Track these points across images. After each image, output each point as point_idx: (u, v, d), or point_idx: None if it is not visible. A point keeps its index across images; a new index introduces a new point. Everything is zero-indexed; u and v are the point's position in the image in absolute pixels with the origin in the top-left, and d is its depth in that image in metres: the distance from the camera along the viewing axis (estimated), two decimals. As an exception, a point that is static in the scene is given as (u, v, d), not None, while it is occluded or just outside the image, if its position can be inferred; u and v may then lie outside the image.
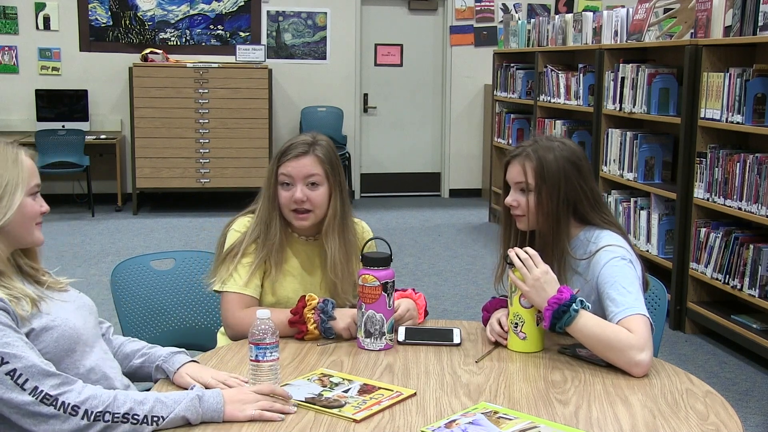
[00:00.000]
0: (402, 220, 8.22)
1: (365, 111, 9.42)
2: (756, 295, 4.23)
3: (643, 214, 5.27)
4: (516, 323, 2.19)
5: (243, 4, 8.86)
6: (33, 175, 1.90)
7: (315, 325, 2.25)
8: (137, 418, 1.70)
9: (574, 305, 2.07)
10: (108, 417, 1.69)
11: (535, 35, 7.29)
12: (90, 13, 8.58)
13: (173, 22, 8.77)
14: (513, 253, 2.18)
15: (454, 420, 1.75)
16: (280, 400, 1.80)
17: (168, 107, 8.09)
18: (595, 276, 2.21)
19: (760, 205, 4.17)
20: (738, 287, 4.36)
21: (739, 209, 4.33)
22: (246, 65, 8.36)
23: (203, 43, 8.85)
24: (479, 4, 9.36)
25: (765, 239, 4.36)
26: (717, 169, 4.52)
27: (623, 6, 5.93)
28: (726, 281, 4.46)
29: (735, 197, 4.37)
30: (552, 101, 6.75)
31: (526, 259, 2.15)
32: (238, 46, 8.58)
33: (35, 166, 1.92)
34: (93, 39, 8.61)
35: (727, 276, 4.45)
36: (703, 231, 4.67)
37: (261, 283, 2.41)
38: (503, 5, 9.39)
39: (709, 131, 4.65)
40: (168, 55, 8.47)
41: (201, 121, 8.15)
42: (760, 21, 4.18)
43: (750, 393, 3.96)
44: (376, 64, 9.39)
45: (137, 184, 8.18)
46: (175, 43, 8.78)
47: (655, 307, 2.48)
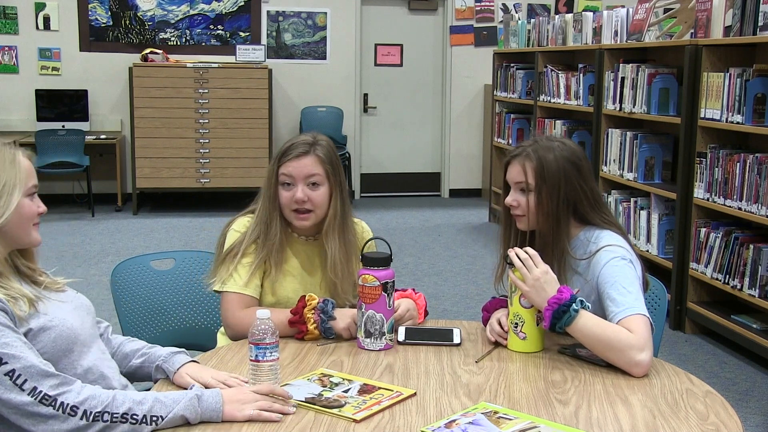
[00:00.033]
0: (402, 220, 8.22)
1: (365, 111, 9.42)
2: (756, 295, 4.23)
3: (643, 214, 5.27)
4: (516, 323, 2.19)
5: (243, 4, 8.87)
6: (30, 176, 1.90)
7: (315, 325, 2.25)
8: (136, 417, 1.70)
9: (574, 305, 2.07)
10: (107, 417, 1.69)
11: (535, 35, 7.29)
12: (90, 13, 8.58)
13: (173, 22, 8.77)
14: (513, 253, 2.18)
15: (454, 420, 1.75)
16: (279, 400, 1.80)
17: (168, 107, 8.09)
18: (596, 276, 2.21)
19: (760, 205, 4.17)
20: (738, 287, 4.36)
21: (739, 209, 4.33)
22: (246, 65, 8.36)
23: (203, 43, 8.85)
24: (479, 4, 9.37)
25: (765, 239, 4.36)
26: (717, 169, 4.52)
27: (623, 6, 5.93)
28: (726, 281, 4.46)
29: (735, 197, 4.37)
30: (552, 101, 6.75)
31: (526, 259, 2.15)
32: (238, 46, 8.59)
33: (33, 166, 1.93)
34: (93, 39, 8.61)
35: (727, 276, 4.45)
36: (703, 231, 4.67)
37: (261, 283, 2.41)
38: (503, 5, 9.39)
39: (709, 131, 4.65)
40: (168, 55, 8.47)
41: (201, 121, 8.16)
42: (760, 21, 4.18)
43: (750, 393, 3.96)
44: (376, 64, 9.39)
45: (137, 184, 8.18)
46: (175, 43, 8.78)
47: (655, 307, 2.48)
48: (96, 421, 1.69)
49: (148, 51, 8.35)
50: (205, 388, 1.85)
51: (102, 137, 8.32)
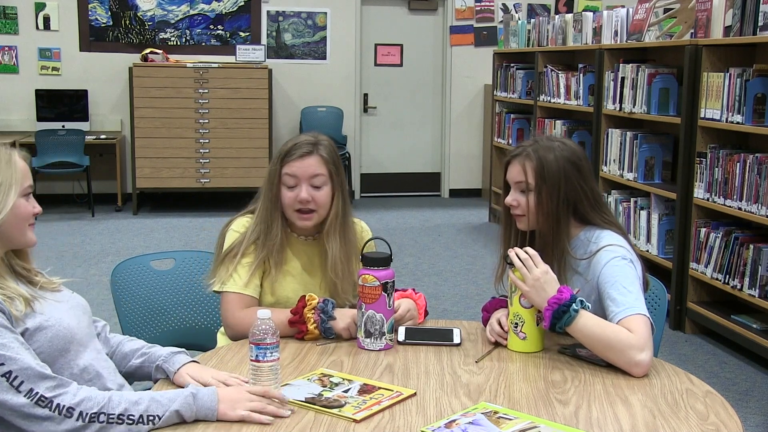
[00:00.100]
0: (402, 220, 8.22)
1: (365, 111, 9.42)
2: (756, 295, 4.23)
3: (643, 214, 5.27)
4: (516, 323, 2.19)
5: (243, 4, 8.86)
6: (26, 177, 1.91)
7: (315, 325, 2.25)
8: (132, 418, 1.71)
9: (574, 305, 2.07)
10: (103, 418, 1.70)
11: (535, 35, 7.29)
12: (90, 13, 8.58)
13: (173, 22, 8.77)
14: (513, 253, 2.18)
15: (454, 420, 1.75)
16: (275, 402, 1.80)
17: (168, 107, 8.09)
18: (596, 276, 2.21)
19: (760, 205, 4.17)
20: (738, 287, 4.36)
21: (739, 209, 4.33)
22: (246, 65, 8.36)
23: (203, 43, 8.85)
24: (479, 4, 9.36)
25: (765, 239, 4.36)
26: (717, 169, 4.52)
27: (623, 6, 5.93)
28: (726, 281, 4.46)
29: (735, 197, 4.37)
30: (552, 101, 6.75)
31: (526, 259, 2.15)
32: (238, 46, 8.59)
33: (28, 167, 1.93)
34: (93, 39, 8.61)
35: (727, 276, 4.45)
36: (703, 231, 4.67)
37: (260, 283, 2.41)
38: (503, 5, 9.39)
39: (709, 131, 4.65)
40: (168, 55, 8.47)
41: (201, 121, 8.15)
42: (760, 21, 4.18)
43: (750, 393, 3.96)
44: (376, 64, 9.38)
45: (137, 184, 8.18)
46: (175, 43, 8.78)
47: (655, 307, 2.48)
48: (92, 423, 1.69)
49: (148, 51, 8.35)
50: (205, 387, 1.86)
51: (102, 137, 8.32)
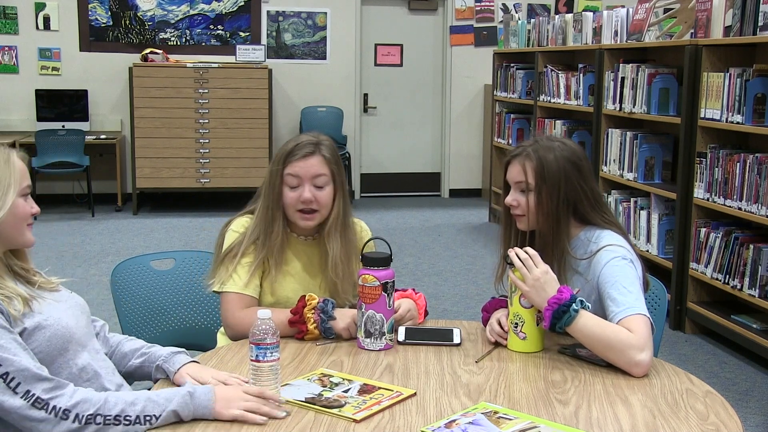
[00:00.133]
0: (402, 220, 8.22)
1: (365, 111, 9.42)
2: (756, 295, 4.23)
3: (643, 214, 5.27)
4: (516, 323, 2.19)
5: (243, 4, 8.86)
6: (24, 177, 1.91)
7: (315, 325, 2.25)
8: (129, 419, 1.71)
9: (574, 305, 2.07)
10: (99, 419, 1.70)
11: (535, 35, 7.29)
12: (90, 13, 8.58)
13: (173, 22, 8.77)
14: (513, 253, 2.18)
15: (454, 420, 1.75)
16: (270, 403, 1.80)
17: (168, 107, 8.09)
18: (596, 276, 2.21)
19: (760, 205, 4.17)
20: (738, 287, 4.36)
21: (739, 209, 4.33)
22: (246, 65, 8.36)
23: (203, 43, 8.85)
24: (479, 4, 9.36)
25: (765, 239, 4.36)
26: (717, 169, 4.52)
27: (623, 6, 5.93)
28: (726, 281, 4.46)
29: (735, 197, 4.37)
30: (552, 101, 6.75)
31: (526, 259, 2.15)
32: (238, 46, 8.58)
33: (26, 167, 1.93)
34: (93, 39, 8.61)
35: (727, 276, 4.45)
36: (703, 231, 4.67)
37: (260, 283, 2.41)
38: (503, 5, 9.39)
39: (709, 131, 4.65)
40: (168, 55, 8.47)
41: (201, 121, 8.15)
42: (760, 21, 4.18)
43: (750, 393, 3.96)
44: (376, 64, 9.38)
45: (137, 184, 8.18)
46: (175, 43, 8.78)
47: (655, 307, 2.48)
48: (89, 424, 1.69)
49: (148, 51, 8.35)
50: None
51: (102, 137, 8.32)
